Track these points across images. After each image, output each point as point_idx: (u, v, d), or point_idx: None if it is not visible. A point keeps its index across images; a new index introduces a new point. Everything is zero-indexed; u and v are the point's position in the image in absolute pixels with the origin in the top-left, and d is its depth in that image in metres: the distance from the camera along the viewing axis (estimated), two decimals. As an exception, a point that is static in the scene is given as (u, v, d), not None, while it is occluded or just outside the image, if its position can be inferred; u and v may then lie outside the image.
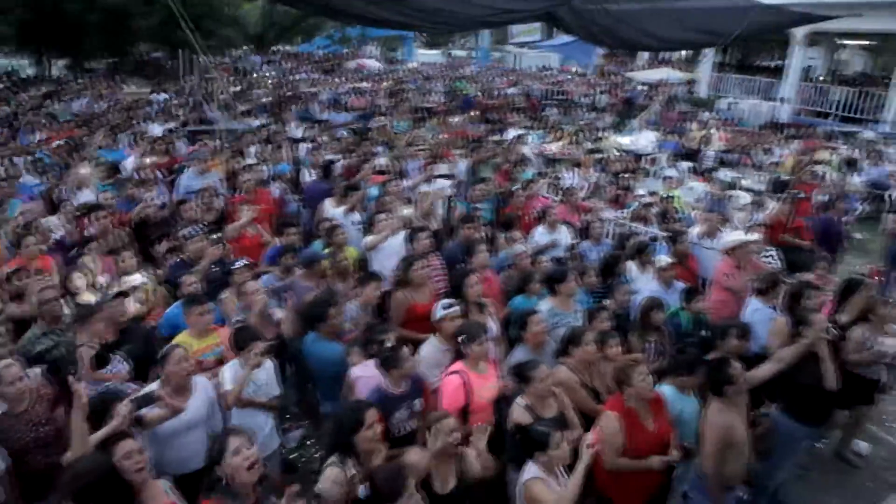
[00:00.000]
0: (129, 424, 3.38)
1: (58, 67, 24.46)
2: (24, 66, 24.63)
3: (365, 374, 4.05)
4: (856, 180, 12.05)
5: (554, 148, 12.75)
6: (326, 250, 5.89)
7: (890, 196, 11.39)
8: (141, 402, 3.56)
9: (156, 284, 5.51)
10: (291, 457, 5.15)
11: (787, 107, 21.05)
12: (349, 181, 7.62)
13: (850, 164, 12.80)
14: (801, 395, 4.35)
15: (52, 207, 7.33)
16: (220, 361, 4.32)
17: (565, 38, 24.71)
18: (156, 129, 11.70)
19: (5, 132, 11.27)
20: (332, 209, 7.01)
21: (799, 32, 19.93)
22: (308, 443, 5.31)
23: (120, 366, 4.27)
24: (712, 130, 15.81)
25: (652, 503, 4.05)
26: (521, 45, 36.49)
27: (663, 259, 5.78)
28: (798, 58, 21.18)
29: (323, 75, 27.43)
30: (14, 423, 3.61)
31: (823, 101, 20.95)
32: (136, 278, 5.32)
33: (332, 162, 8.45)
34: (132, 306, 4.93)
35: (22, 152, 9.35)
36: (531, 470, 3.33)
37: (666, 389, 4.09)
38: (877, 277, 4.48)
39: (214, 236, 5.95)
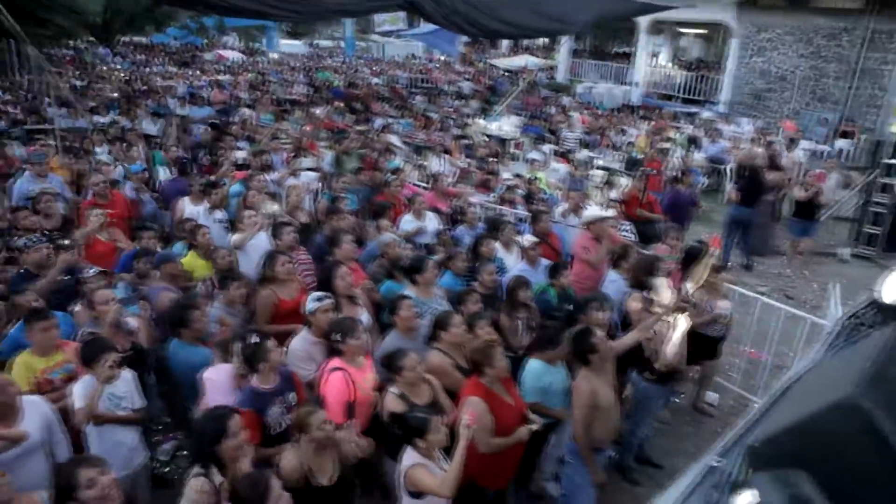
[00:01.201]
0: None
1: None
2: None
3: (214, 377, 3.91)
4: (698, 156, 13.14)
5: (422, 135, 12.85)
6: (189, 252, 5.60)
7: (728, 169, 12.50)
8: None
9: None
10: (165, 470, 4.86)
11: (637, 90, 22.55)
12: (209, 178, 7.25)
13: (693, 142, 13.94)
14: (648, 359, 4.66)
15: None
16: (71, 379, 3.98)
17: (429, 26, 24.99)
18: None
19: None
20: (191, 208, 6.65)
21: (644, 21, 21.38)
22: (181, 454, 5.03)
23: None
24: (572, 113, 16.61)
25: (522, 469, 4.24)
26: (386, 34, 36.36)
27: (528, 238, 5.99)
28: (644, 45, 22.73)
29: (179, 68, 25.93)
30: None
31: (668, 84, 22.66)
32: None
33: (188, 158, 8.00)
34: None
35: None
36: (411, 457, 3.34)
37: (535, 364, 4.25)
38: (716, 245, 4.89)
39: (65, 242, 5.45)
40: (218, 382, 3.90)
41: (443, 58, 32.89)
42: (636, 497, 4.88)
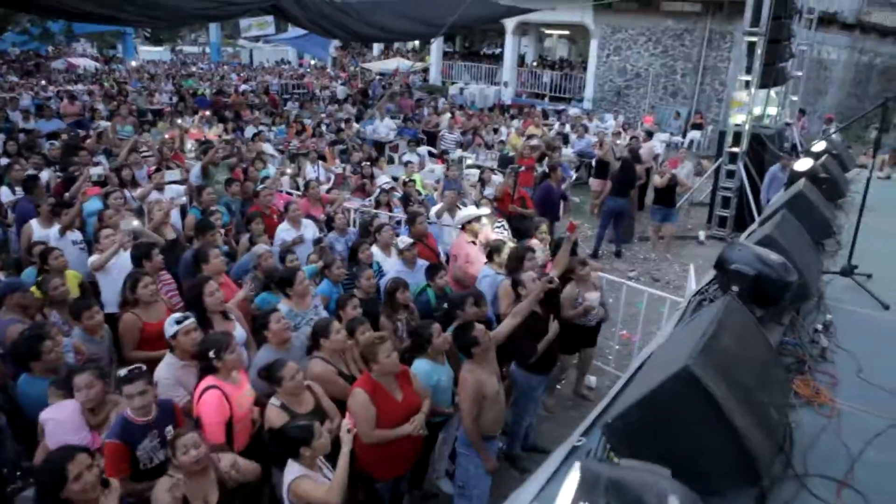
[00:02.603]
0: None
1: None
2: None
3: (55, 416, 3.60)
4: (567, 151, 13.77)
5: (296, 142, 12.59)
6: (40, 277, 5.13)
7: (595, 163, 13.19)
8: None
9: None
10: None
11: (508, 90, 23.32)
12: (59, 197, 6.70)
13: (562, 138, 14.60)
14: (528, 350, 4.84)
15: None
16: None
17: (299, 31, 24.50)
18: None
19: None
20: (41, 230, 6.13)
21: (510, 23, 22.15)
22: (42, 502, 4.60)
23: None
24: (447, 114, 16.88)
25: (416, 470, 4.28)
26: (255, 38, 35.26)
27: (404, 240, 6.02)
28: (512, 46, 23.56)
29: (22, 77, 23.78)
30: None
31: (536, 83, 23.62)
32: None
33: (35, 177, 7.36)
34: None
35: None
36: (293, 469, 3.28)
37: (421, 363, 4.29)
38: (572, 230, 5.13)
39: None
40: (63, 423, 3.58)
41: (314, 62, 32.36)
42: (526, 484, 5.03)
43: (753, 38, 10.08)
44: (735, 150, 10.70)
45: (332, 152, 11.33)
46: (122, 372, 3.52)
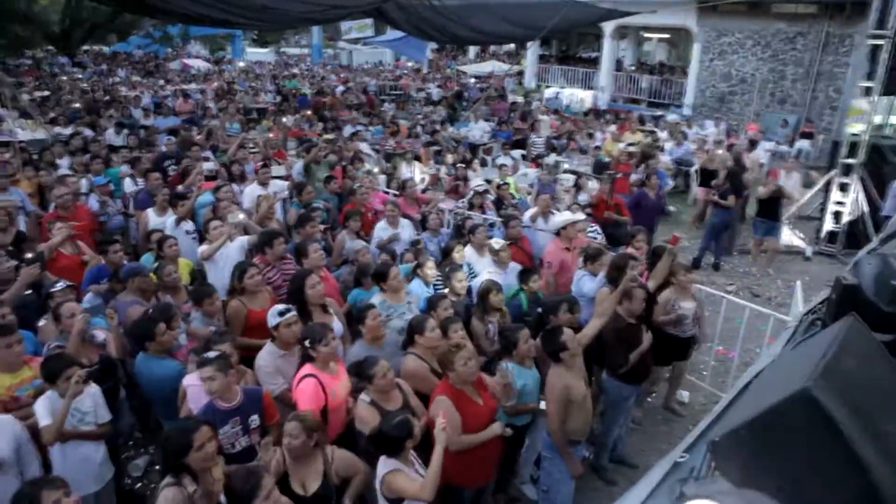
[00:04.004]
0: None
1: None
2: None
3: (195, 383, 3.87)
4: (664, 159, 13.35)
5: (392, 142, 12.86)
6: (156, 263, 5.52)
7: (694, 171, 12.73)
8: None
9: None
10: (137, 486, 4.77)
11: (604, 94, 22.87)
12: (176, 189, 7.16)
13: (658, 146, 14.16)
14: (619, 359, 4.74)
15: None
16: (39, 395, 3.89)
17: (397, 33, 25.05)
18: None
19: None
20: (158, 219, 6.57)
21: (608, 27, 21.72)
22: (154, 469, 4.94)
23: None
24: (542, 118, 16.76)
25: (500, 474, 4.29)
26: (354, 41, 36.30)
27: (499, 241, 6.03)
28: (610, 50, 23.06)
29: (143, 77, 25.53)
30: None
31: (634, 88, 23.02)
32: None
33: (157, 169, 7.90)
34: None
35: None
36: (387, 463, 3.35)
37: (509, 366, 4.29)
38: (675, 243, 4.99)
39: (29, 256, 5.33)
40: (201, 388, 3.82)
41: (411, 64, 32.94)
42: (612, 496, 4.92)
43: (879, 42, 9.41)
44: (851, 161, 10.02)
45: (427, 153, 11.48)
46: (204, 357, 3.71)
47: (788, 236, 10.24)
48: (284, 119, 14.00)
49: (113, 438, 4.23)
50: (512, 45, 31.31)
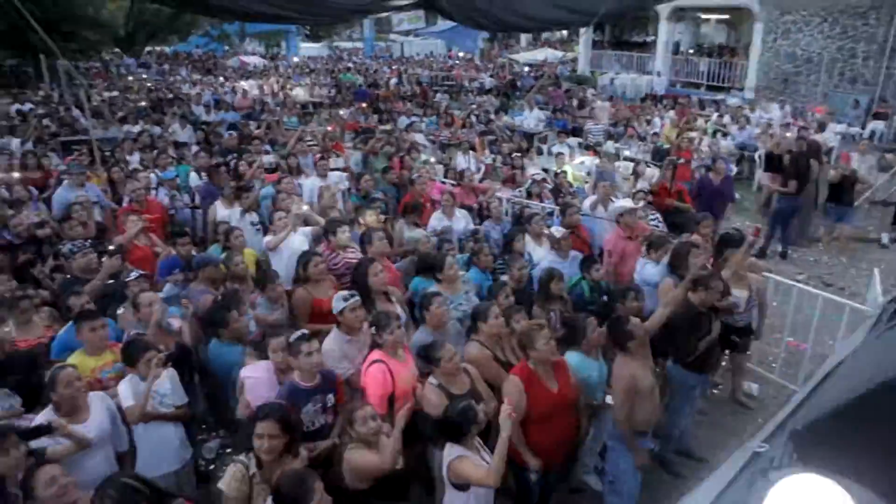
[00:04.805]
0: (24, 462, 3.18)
1: None
2: None
3: (253, 375, 3.99)
4: (727, 144, 12.95)
5: (446, 133, 12.87)
6: (223, 254, 5.69)
7: (758, 156, 12.30)
8: (32, 435, 3.33)
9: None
10: (211, 468, 4.95)
11: (661, 79, 22.30)
12: (239, 182, 7.36)
13: (721, 130, 13.74)
14: (687, 347, 4.64)
15: None
16: (121, 378, 4.09)
17: (448, 24, 25.05)
18: (15, 144, 10.75)
19: None
20: (224, 211, 6.77)
21: (664, 9, 21.14)
22: (226, 452, 5.11)
23: (10, 401, 3.96)
24: (600, 104, 16.48)
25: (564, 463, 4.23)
26: (406, 33, 36.49)
27: (558, 230, 5.97)
28: (666, 33, 22.45)
29: (203, 75, 26.28)
30: None
31: (692, 72, 22.36)
32: None
33: (221, 163, 8.13)
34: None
35: None
36: (453, 449, 3.37)
37: (572, 356, 4.26)
38: (756, 235, 4.83)
39: (111, 247, 5.59)
40: (259, 380, 3.99)
41: (462, 54, 32.85)
42: (678, 489, 4.83)
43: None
44: (930, 142, 9.50)
45: (482, 143, 11.46)
46: (295, 335, 3.82)
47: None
48: (342, 112, 14.18)
49: (189, 422, 4.41)
50: (564, 32, 30.87)
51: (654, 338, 4.37)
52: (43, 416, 3.60)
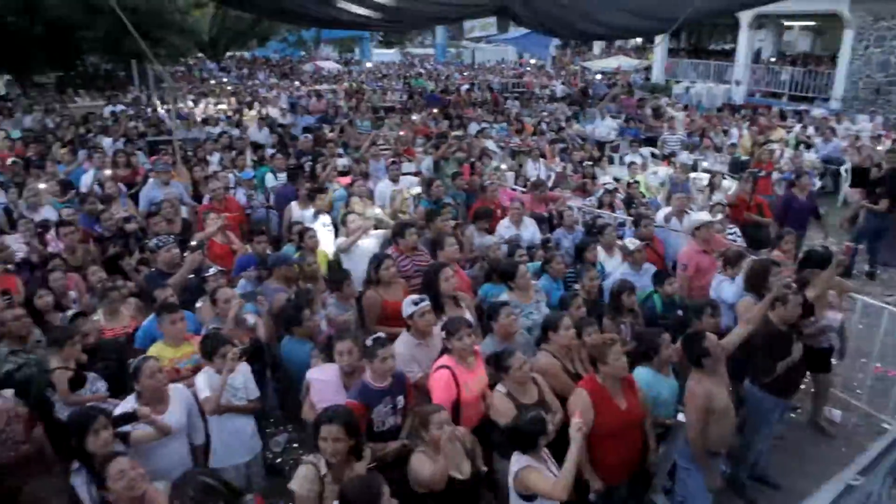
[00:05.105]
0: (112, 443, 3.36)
1: (2, 83, 23.71)
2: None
3: (320, 377, 4.05)
4: (811, 156, 12.38)
5: (517, 140, 12.83)
6: (297, 254, 5.84)
7: (845, 170, 11.71)
8: (120, 421, 3.51)
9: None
10: (278, 461, 5.10)
11: (740, 88, 21.53)
12: (314, 183, 7.55)
13: (804, 142, 13.15)
14: (766, 367, 4.45)
15: (10, 225, 7.13)
16: (197, 369, 4.26)
17: (520, 31, 24.95)
18: (107, 143, 11.37)
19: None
20: (299, 212, 6.95)
21: (746, 16, 20.42)
22: (293, 446, 5.25)
23: (98, 384, 4.19)
24: (675, 114, 16.07)
25: (632, 482, 4.13)
26: (477, 39, 36.54)
27: (633, 242, 5.85)
28: (747, 40, 21.67)
29: (280, 79, 27.12)
30: (-7, 445, 3.53)
31: (774, 81, 21.50)
32: None
33: (299, 165, 8.37)
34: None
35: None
36: (521, 459, 3.34)
37: (643, 372, 4.16)
38: (848, 253, 4.59)
39: (193, 243, 5.86)
40: (326, 383, 4.04)
41: (534, 61, 32.69)
42: (752, 515, 4.65)
43: None
44: None
45: (553, 151, 11.36)
46: (370, 340, 3.86)
47: None
48: (417, 117, 14.34)
49: (260, 415, 4.54)
50: (639, 40, 30.28)
51: (730, 357, 4.23)
52: (126, 404, 3.79)
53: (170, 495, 2.87)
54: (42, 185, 7.86)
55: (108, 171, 8.63)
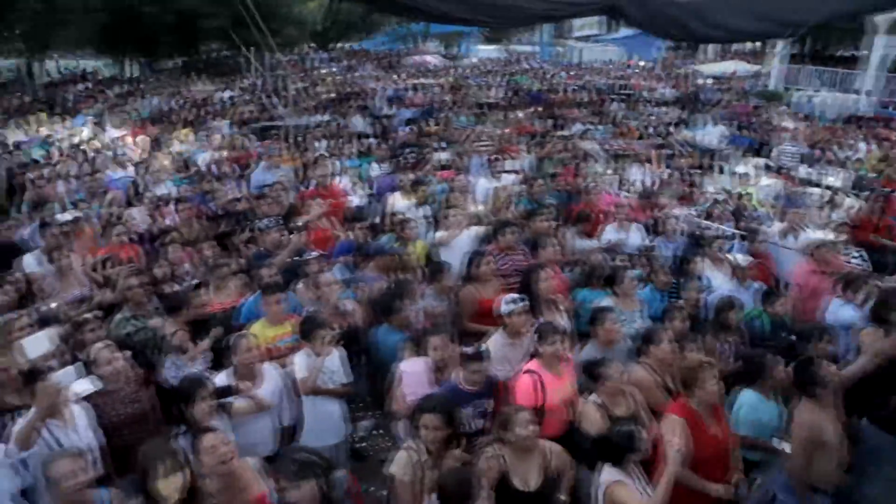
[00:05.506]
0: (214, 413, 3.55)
1: (133, 67, 25.62)
2: (103, 67, 25.97)
3: (411, 369, 4.08)
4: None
5: (620, 143, 12.49)
6: (396, 244, 5.94)
7: None
8: (220, 394, 3.70)
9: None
10: (361, 445, 5.20)
11: (870, 99, 19.97)
12: (416, 175, 7.66)
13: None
14: (882, 401, 4.12)
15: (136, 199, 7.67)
16: (295, 349, 4.41)
17: (629, 31, 24.29)
18: (224, 126, 12.02)
19: (93, 128, 11.78)
20: (400, 202, 7.06)
21: (883, 21, 18.90)
22: (377, 433, 5.35)
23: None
24: (793, 125, 15.15)
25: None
26: (584, 38, 35.93)
27: (743, 258, 5.56)
28: (882, 47, 20.05)
29: (384, 71, 27.67)
30: (108, 401, 3.83)
31: (910, 92, 19.79)
32: None
33: (398, 156, 8.52)
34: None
35: (107, 147, 9.77)
36: (610, 472, 3.24)
37: (750, 395, 3.96)
38: None
39: (298, 226, 6.08)
40: (416, 375, 4.07)
41: (642, 63, 31.72)
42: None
43: None
44: None
45: (657, 156, 10.98)
46: (472, 350, 3.84)
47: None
48: (520, 114, 14.25)
49: (348, 400, 4.65)
50: (757, 43, 28.69)
51: (846, 389, 3.95)
52: (222, 377, 3.97)
53: (273, 467, 2.98)
54: (165, 162, 8.41)
55: (223, 153, 9.13)
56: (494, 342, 4.37)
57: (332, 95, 17.75)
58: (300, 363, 4.16)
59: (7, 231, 6.24)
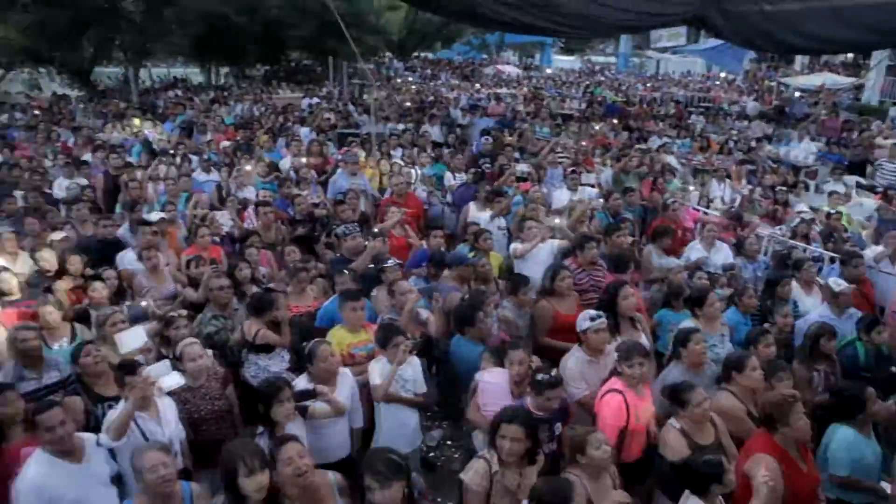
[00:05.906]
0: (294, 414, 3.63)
1: (222, 75, 26.84)
2: (193, 75, 27.39)
3: (491, 380, 4.06)
4: None
5: (700, 158, 12.09)
6: (472, 254, 5.94)
7: None
8: (300, 397, 3.78)
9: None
10: (431, 455, 5.21)
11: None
12: (494, 186, 7.65)
13: None
14: None
15: (221, 202, 7.97)
16: (371, 357, 4.46)
17: (711, 41, 23.48)
18: (304, 132, 12.36)
19: (182, 133, 12.36)
20: (476, 213, 7.07)
21: None
22: (447, 443, 5.34)
23: (284, 354, 4.56)
24: (890, 141, 14.25)
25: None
26: (664, 49, 35.03)
27: (841, 283, 5.25)
28: None
29: (462, 81, 27.87)
30: (193, 397, 4.00)
31: None
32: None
33: (480, 166, 8.54)
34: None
35: (195, 151, 10.21)
36: (694, 502, 3.11)
37: (847, 432, 3.74)
38: None
39: (376, 232, 6.18)
40: (496, 386, 4.05)
41: (724, 75, 30.68)
42: None
43: None
44: None
45: (740, 172, 10.55)
46: (544, 376, 3.75)
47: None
48: (598, 126, 14.04)
49: (423, 409, 4.67)
50: (849, 55, 27.19)
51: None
52: (300, 381, 4.05)
53: (362, 465, 3.01)
54: (248, 167, 8.70)
55: (303, 159, 9.37)
56: (572, 359, 4.31)
57: (409, 104, 17.97)
58: (375, 370, 4.22)
59: (111, 228, 6.59)
